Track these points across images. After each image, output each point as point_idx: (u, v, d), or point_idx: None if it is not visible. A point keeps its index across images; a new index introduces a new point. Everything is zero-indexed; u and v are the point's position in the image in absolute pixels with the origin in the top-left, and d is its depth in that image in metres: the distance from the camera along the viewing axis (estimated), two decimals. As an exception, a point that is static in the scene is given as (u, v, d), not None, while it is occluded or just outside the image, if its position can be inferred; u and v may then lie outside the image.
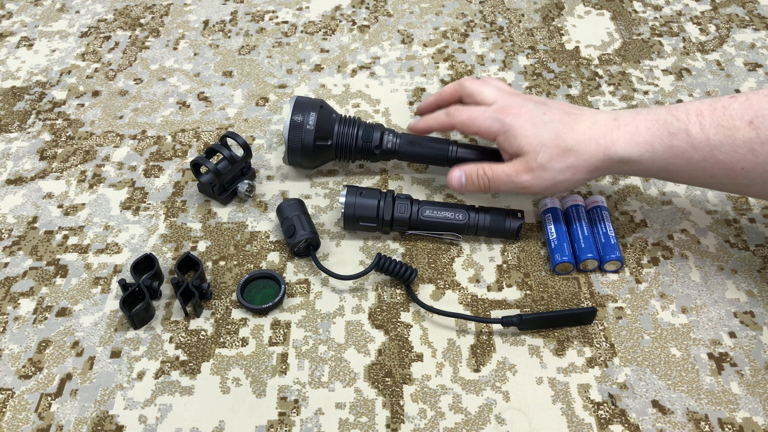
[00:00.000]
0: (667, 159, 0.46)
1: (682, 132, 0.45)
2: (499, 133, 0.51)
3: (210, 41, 0.78)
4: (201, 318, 0.52)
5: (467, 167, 0.53)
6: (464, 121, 0.53)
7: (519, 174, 0.50)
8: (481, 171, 0.52)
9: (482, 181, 0.52)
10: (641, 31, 0.77)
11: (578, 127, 0.48)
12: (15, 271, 0.55)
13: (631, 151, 0.47)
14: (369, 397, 0.47)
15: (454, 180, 0.54)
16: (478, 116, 0.52)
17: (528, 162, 0.49)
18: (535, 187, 0.50)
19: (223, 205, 0.60)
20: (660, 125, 0.46)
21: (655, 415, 0.45)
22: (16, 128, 0.68)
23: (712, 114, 0.44)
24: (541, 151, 0.48)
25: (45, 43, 0.78)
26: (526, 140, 0.49)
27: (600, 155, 0.48)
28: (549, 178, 0.49)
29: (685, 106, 0.46)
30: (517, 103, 0.51)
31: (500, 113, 0.51)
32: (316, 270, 0.55)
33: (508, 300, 0.52)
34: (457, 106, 0.54)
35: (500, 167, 0.51)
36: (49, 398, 0.47)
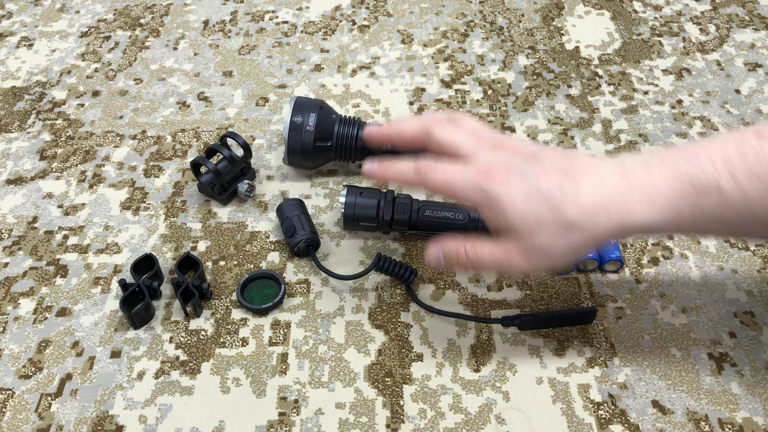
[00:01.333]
0: (696, 220, 0.38)
1: (712, 188, 0.36)
2: (482, 205, 0.40)
3: (210, 41, 0.78)
4: (201, 318, 0.52)
5: (446, 244, 0.42)
6: (438, 185, 0.41)
7: (511, 258, 0.40)
8: (462, 251, 0.41)
9: (464, 263, 0.41)
10: (641, 31, 0.77)
11: (581, 194, 0.38)
12: (15, 271, 0.55)
13: (652, 218, 0.37)
14: (369, 397, 0.47)
15: (431, 257, 0.43)
16: (456, 181, 0.40)
17: (522, 243, 0.39)
18: (531, 270, 0.40)
19: (223, 205, 0.60)
20: (683, 182, 0.37)
21: (655, 415, 0.46)
22: (16, 128, 0.68)
23: (743, 161, 0.36)
24: (538, 231, 0.38)
25: (45, 43, 0.78)
26: (517, 216, 0.38)
27: (613, 226, 0.38)
28: (548, 261, 0.39)
29: (705, 150, 0.38)
30: (502, 162, 0.40)
31: (483, 178, 0.39)
32: (316, 270, 0.55)
33: (508, 300, 0.52)
34: (428, 163, 0.41)
35: (488, 249, 0.40)
36: (49, 398, 0.47)
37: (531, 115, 0.67)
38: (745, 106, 0.68)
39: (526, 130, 0.66)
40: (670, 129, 0.65)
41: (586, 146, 0.64)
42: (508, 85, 0.71)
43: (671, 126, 0.66)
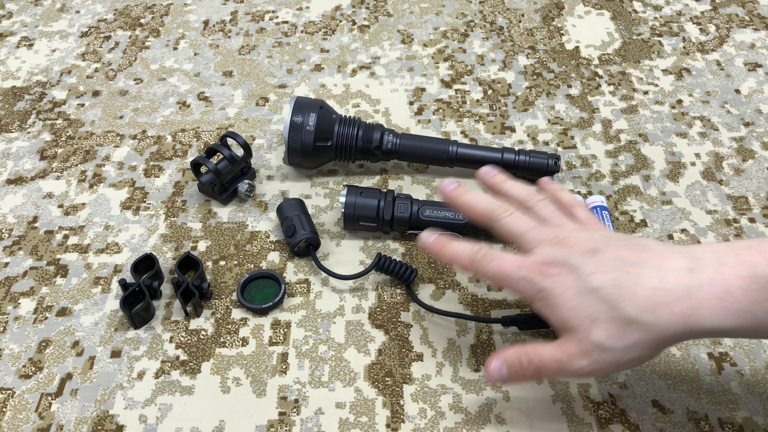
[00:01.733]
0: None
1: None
2: (534, 300, 0.39)
3: (210, 41, 0.78)
4: (201, 318, 0.52)
5: (508, 355, 0.40)
6: (492, 277, 0.41)
7: (572, 359, 0.38)
8: (525, 359, 0.40)
9: (528, 371, 0.40)
10: (641, 31, 0.77)
11: (640, 290, 0.36)
12: (15, 270, 0.55)
13: (722, 322, 0.34)
14: (369, 397, 0.47)
15: (493, 373, 0.41)
16: (510, 274, 0.40)
17: (580, 342, 0.37)
18: (596, 372, 0.38)
19: (224, 205, 0.60)
20: (760, 284, 0.34)
21: (655, 415, 0.46)
22: (16, 128, 0.68)
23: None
24: (595, 328, 0.37)
25: (45, 43, 0.78)
26: (570, 313, 0.37)
27: (677, 326, 0.35)
28: (611, 360, 0.37)
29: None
30: (559, 258, 0.39)
31: (536, 274, 0.39)
32: (316, 270, 0.55)
33: (508, 300, 0.52)
34: (485, 252, 0.42)
35: (548, 352, 0.39)
36: (50, 398, 0.47)
37: (531, 115, 0.67)
38: (745, 106, 0.68)
39: (526, 130, 0.66)
40: (670, 129, 0.65)
41: (586, 146, 0.64)
42: (508, 85, 0.71)
43: (671, 126, 0.66)
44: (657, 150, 0.63)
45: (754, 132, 0.65)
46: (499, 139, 0.65)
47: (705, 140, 0.64)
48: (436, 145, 0.59)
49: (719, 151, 0.63)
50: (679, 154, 0.63)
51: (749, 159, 0.62)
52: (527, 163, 0.59)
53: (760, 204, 0.59)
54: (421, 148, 0.59)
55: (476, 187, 0.60)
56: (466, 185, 0.46)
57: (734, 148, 0.63)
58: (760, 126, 0.66)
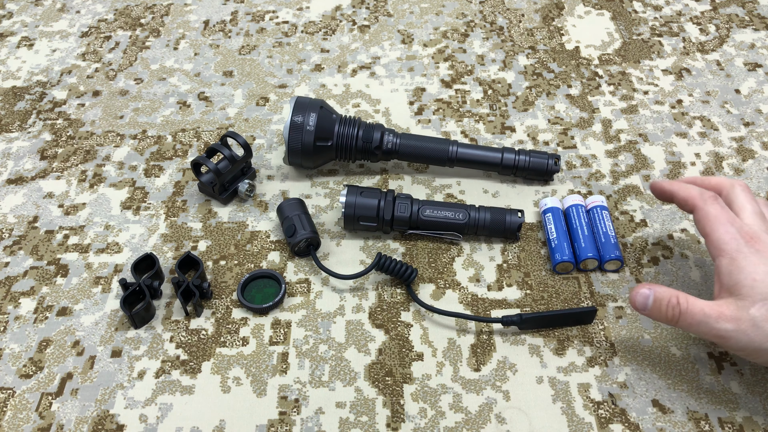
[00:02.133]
0: None
1: None
2: (726, 254, 0.42)
3: (210, 41, 0.78)
4: (201, 317, 0.52)
5: (660, 290, 0.44)
6: (709, 215, 0.44)
7: (720, 319, 0.41)
8: (675, 300, 0.43)
9: (672, 311, 0.43)
10: (641, 31, 0.77)
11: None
12: (15, 270, 0.55)
13: None
14: (369, 397, 0.47)
15: (639, 298, 0.44)
16: (723, 223, 0.43)
17: (738, 308, 0.40)
18: (732, 340, 0.41)
19: (224, 205, 0.60)
20: None
21: (655, 415, 0.46)
22: (16, 128, 0.68)
23: None
24: (760, 304, 0.40)
25: (45, 43, 0.78)
26: (749, 281, 0.40)
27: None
28: (754, 339, 0.40)
29: None
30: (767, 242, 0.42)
31: (746, 237, 0.42)
32: (316, 269, 0.55)
33: (508, 299, 0.52)
34: (714, 196, 0.45)
35: (700, 304, 0.42)
36: (50, 397, 0.47)
37: (531, 115, 0.67)
38: (745, 106, 0.68)
39: (526, 130, 0.66)
40: (670, 129, 0.66)
41: (586, 146, 0.64)
42: (508, 85, 0.71)
43: (671, 126, 0.66)
44: (657, 150, 0.63)
45: (754, 132, 0.65)
46: (499, 139, 0.65)
47: (705, 140, 0.64)
48: (436, 145, 0.59)
49: (719, 151, 0.63)
50: (679, 154, 0.63)
51: (749, 159, 0.62)
52: (527, 163, 0.59)
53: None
54: (422, 148, 0.59)
55: (480, 187, 0.60)
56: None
57: (734, 148, 0.63)
58: (760, 126, 0.66)
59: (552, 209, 0.56)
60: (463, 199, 0.60)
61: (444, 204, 0.55)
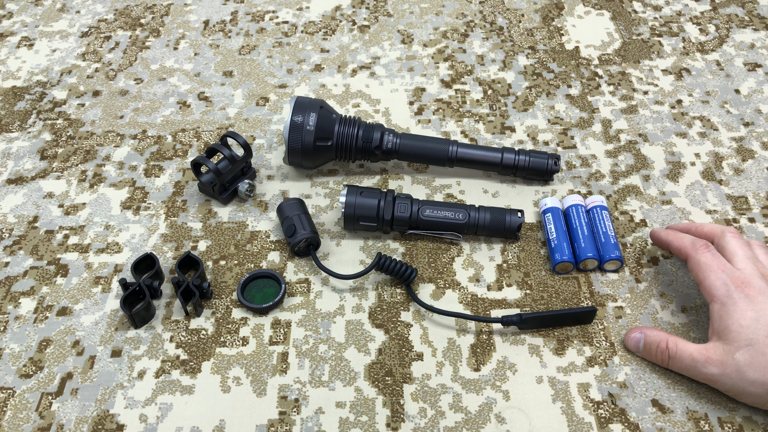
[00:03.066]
0: None
1: None
2: (717, 300, 0.44)
3: (210, 41, 0.78)
4: (201, 317, 0.52)
5: (651, 334, 0.47)
6: (700, 263, 0.46)
7: (707, 363, 0.43)
8: (664, 345, 0.46)
9: (662, 355, 0.46)
10: (641, 31, 0.77)
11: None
12: (16, 270, 0.55)
13: None
14: (369, 396, 0.47)
15: (631, 342, 0.48)
16: (714, 270, 0.45)
17: (724, 353, 0.43)
18: (719, 383, 0.44)
19: (224, 205, 0.60)
20: None
21: (654, 414, 0.46)
22: (16, 128, 0.68)
23: None
24: (745, 350, 0.42)
25: (45, 43, 0.79)
26: (736, 326, 0.42)
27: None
28: (737, 383, 0.42)
29: None
30: (758, 287, 0.44)
31: (737, 283, 0.44)
32: (316, 269, 0.55)
33: (508, 299, 0.52)
34: (705, 244, 0.47)
35: (688, 348, 0.45)
36: (50, 397, 0.47)
37: (531, 115, 0.67)
38: (745, 106, 0.68)
39: (526, 130, 0.66)
40: (670, 129, 0.66)
41: (586, 146, 0.64)
42: (508, 85, 0.71)
43: (671, 126, 0.66)
44: (657, 150, 0.63)
45: (753, 132, 0.65)
46: (499, 139, 0.65)
47: (705, 140, 0.64)
48: (436, 145, 0.59)
49: (719, 151, 0.63)
50: (678, 154, 0.63)
51: (749, 159, 0.62)
52: (527, 163, 0.59)
53: (760, 204, 0.59)
54: (421, 147, 0.59)
55: (480, 187, 0.61)
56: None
57: (734, 148, 0.63)
58: (760, 126, 0.66)
59: (552, 209, 0.56)
60: (463, 199, 0.60)
61: (444, 204, 0.55)
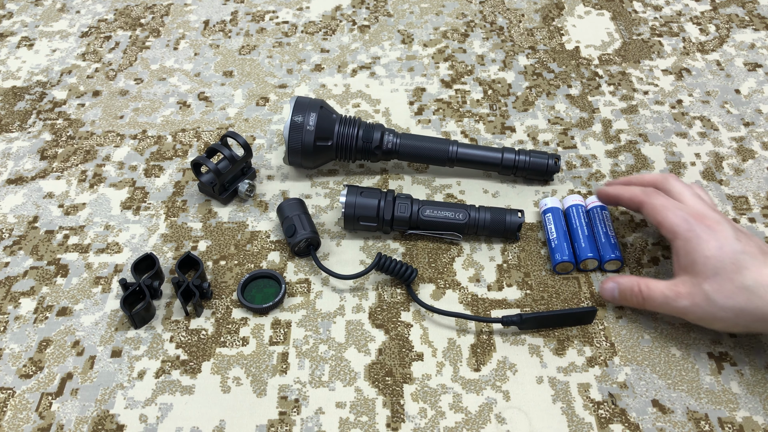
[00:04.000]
0: None
1: None
2: (680, 236, 0.45)
3: (210, 41, 0.78)
4: (201, 317, 0.52)
5: (623, 281, 0.49)
6: (656, 206, 0.48)
7: (678, 298, 0.45)
8: (637, 288, 0.47)
9: (637, 298, 0.48)
10: (641, 31, 0.77)
11: (765, 270, 0.42)
12: (16, 270, 0.55)
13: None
14: (369, 397, 0.47)
15: (606, 292, 0.50)
16: (672, 209, 0.47)
17: (692, 285, 0.44)
18: (690, 314, 0.45)
19: (224, 205, 0.60)
20: None
21: (655, 415, 0.46)
22: (16, 128, 0.68)
23: None
24: (712, 279, 0.43)
25: (45, 43, 0.78)
26: (703, 259, 0.44)
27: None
28: (708, 311, 0.44)
29: None
30: (715, 218, 0.45)
31: (694, 217, 0.45)
32: (316, 269, 0.55)
33: (508, 300, 0.52)
34: (656, 190, 0.49)
35: (659, 287, 0.46)
36: (50, 397, 0.47)
37: (531, 115, 0.67)
38: (745, 106, 0.68)
39: (526, 130, 0.66)
40: (670, 129, 0.66)
41: (586, 146, 0.64)
42: (508, 85, 0.71)
43: (671, 126, 0.66)
44: (657, 150, 0.63)
45: (754, 132, 0.65)
46: (499, 139, 0.65)
47: (705, 140, 0.64)
48: (436, 145, 0.59)
49: (719, 151, 0.63)
50: (679, 154, 0.63)
51: (749, 159, 0.62)
52: (527, 163, 0.59)
53: (760, 204, 0.59)
54: (422, 148, 0.59)
55: (480, 187, 0.60)
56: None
57: (734, 148, 0.63)
58: (760, 126, 0.66)
59: (552, 209, 0.56)
60: (463, 199, 0.60)
61: (444, 204, 0.55)
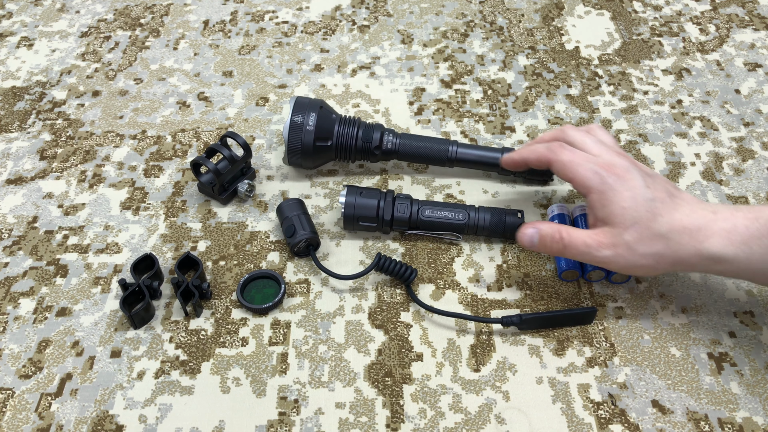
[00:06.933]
0: (765, 261, 0.42)
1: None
2: (594, 190, 0.46)
3: (210, 41, 0.78)
4: (201, 318, 0.52)
5: (543, 227, 0.48)
6: (564, 162, 0.47)
7: (600, 247, 0.45)
8: (558, 235, 0.47)
9: (557, 245, 0.47)
10: (641, 31, 0.77)
11: (676, 214, 0.44)
12: (15, 270, 0.55)
13: (725, 250, 0.42)
14: (369, 397, 0.47)
15: (524, 238, 0.49)
16: (581, 163, 0.47)
17: (613, 236, 0.45)
18: (613, 264, 0.45)
19: (223, 205, 0.60)
20: (760, 224, 0.42)
21: (654, 415, 0.46)
22: (16, 128, 0.68)
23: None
24: (631, 229, 0.44)
25: (45, 43, 0.78)
26: (620, 210, 0.44)
27: (690, 249, 0.43)
28: (630, 259, 0.44)
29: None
30: (623, 165, 0.46)
31: (604, 169, 0.46)
32: (316, 270, 0.55)
33: (508, 300, 0.52)
34: (561, 143, 0.49)
35: (580, 235, 0.46)
36: (49, 398, 0.47)
37: (531, 115, 0.67)
38: (745, 106, 0.68)
39: (526, 130, 0.66)
40: (670, 129, 0.65)
41: (586, 146, 0.64)
42: (508, 85, 0.71)
43: (671, 126, 0.66)
44: (657, 150, 0.63)
45: (754, 132, 0.65)
46: (499, 139, 0.65)
47: (705, 140, 0.64)
48: (436, 145, 0.59)
49: (719, 151, 0.63)
50: (679, 154, 0.63)
51: (749, 159, 0.62)
52: (527, 163, 0.59)
53: (760, 204, 0.59)
54: (421, 148, 0.59)
55: (480, 187, 0.60)
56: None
57: (734, 148, 0.63)
58: (760, 126, 0.66)
59: (559, 215, 0.56)
60: (463, 199, 0.60)
61: (444, 204, 0.55)
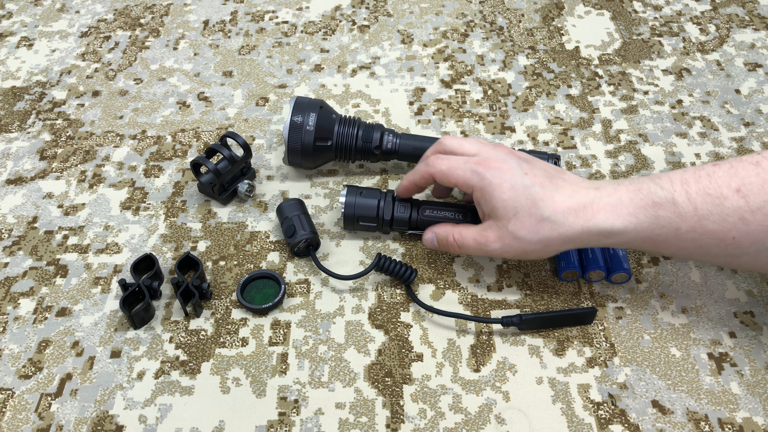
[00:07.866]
0: (653, 230, 0.43)
1: (668, 202, 0.42)
2: (476, 188, 0.47)
3: (210, 41, 0.78)
4: (201, 318, 0.52)
5: (439, 230, 0.51)
6: (444, 170, 0.48)
7: (488, 242, 0.47)
8: (451, 238, 0.49)
9: (452, 247, 0.50)
10: (641, 31, 0.77)
11: (558, 196, 0.45)
12: (15, 271, 0.55)
13: (614, 223, 0.43)
14: (369, 397, 0.47)
15: (427, 242, 0.52)
16: (458, 166, 0.48)
17: (499, 228, 0.46)
18: (506, 255, 0.47)
19: (223, 205, 0.60)
20: (643, 195, 0.43)
21: (655, 415, 0.46)
22: (16, 128, 0.68)
23: (698, 182, 0.42)
24: (514, 219, 0.45)
25: (45, 43, 0.78)
26: (501, 203, 0.45)
27: (578, 227, 0.44)
28: (519, 247, 0.46)
29: (668, 175, 0.44)
30: (499, 157, 0.47)
31: (481, 166, 0.47)
32: (316, 270, 0.55)
33: (508, 300, 0.52)
34: (437, 155, 0.50)
35: (470, 234, 0.48)
36: (49, 398, 0.47)
37: (531, 115, 0.67)
38: (745, 106, 0.68)
39: (526, 130, 0.66)
40: (670, 129, 0.65)
41: (586, 146, 0.64)
42: (508, 85, 0.71)
43: (671, 126, 0.66)
44: (657, 150, 0.63)
45: (754, 132, 0.65)
46: (499, 139, 0.65)
47: (705, 140, 0.64)
48: (436, 145, 0.59)
49: (719, 151, 0.63)
50: (679, 154, 0.63)
51: (749, 159, 0.62)
52: (527, 163, 0.58)
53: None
54: (422, 148, 0.58)
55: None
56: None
57: (734, 148, 0.63)
58: (760, 126, 0.66)
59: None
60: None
61: (444, 204, 0.55)
